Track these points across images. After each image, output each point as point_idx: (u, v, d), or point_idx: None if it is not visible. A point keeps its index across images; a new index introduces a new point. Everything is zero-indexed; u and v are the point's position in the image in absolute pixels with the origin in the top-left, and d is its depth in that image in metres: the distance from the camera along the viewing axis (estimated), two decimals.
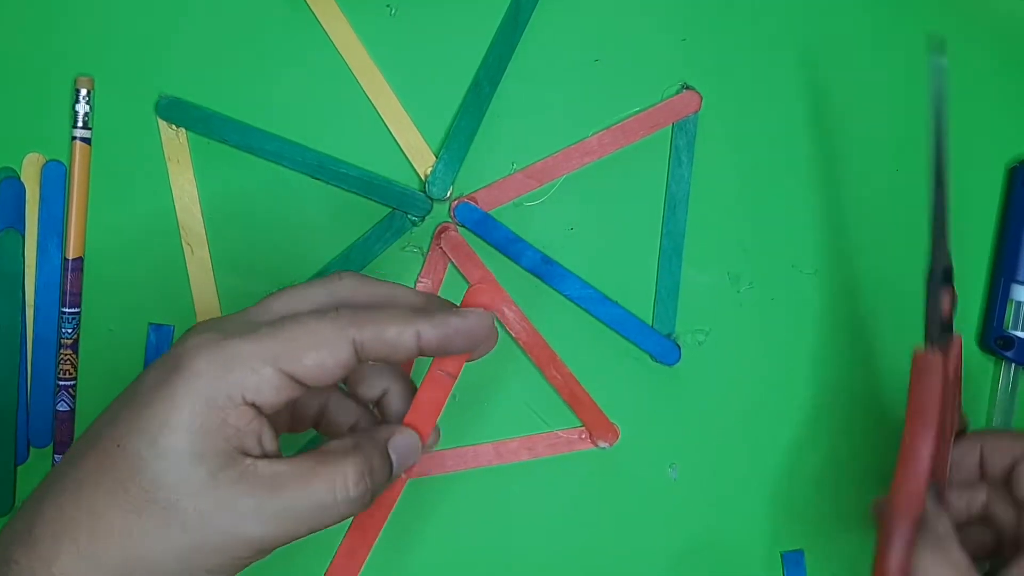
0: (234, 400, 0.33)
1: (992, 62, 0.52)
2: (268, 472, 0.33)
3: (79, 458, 0.34)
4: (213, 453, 0.32)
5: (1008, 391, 0.52)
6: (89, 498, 0.33)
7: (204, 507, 0.32)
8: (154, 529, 0.32)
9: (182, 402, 0.32)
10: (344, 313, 0.34)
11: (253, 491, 0.33)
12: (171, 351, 0.34)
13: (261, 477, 0.33)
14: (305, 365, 0.33)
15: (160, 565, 0.32)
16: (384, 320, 0.35)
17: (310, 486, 0.33)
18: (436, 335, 0.35)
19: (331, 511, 0.34)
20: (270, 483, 0.33)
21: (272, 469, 0.33)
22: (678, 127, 0.50)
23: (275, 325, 0.34)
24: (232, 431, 0.33)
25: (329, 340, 0.34)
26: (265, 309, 0.36)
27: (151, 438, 0.32)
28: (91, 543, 0.32)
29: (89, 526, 0.32)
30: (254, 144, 0.48)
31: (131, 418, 0.33)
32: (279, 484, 0.33)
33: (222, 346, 0.33)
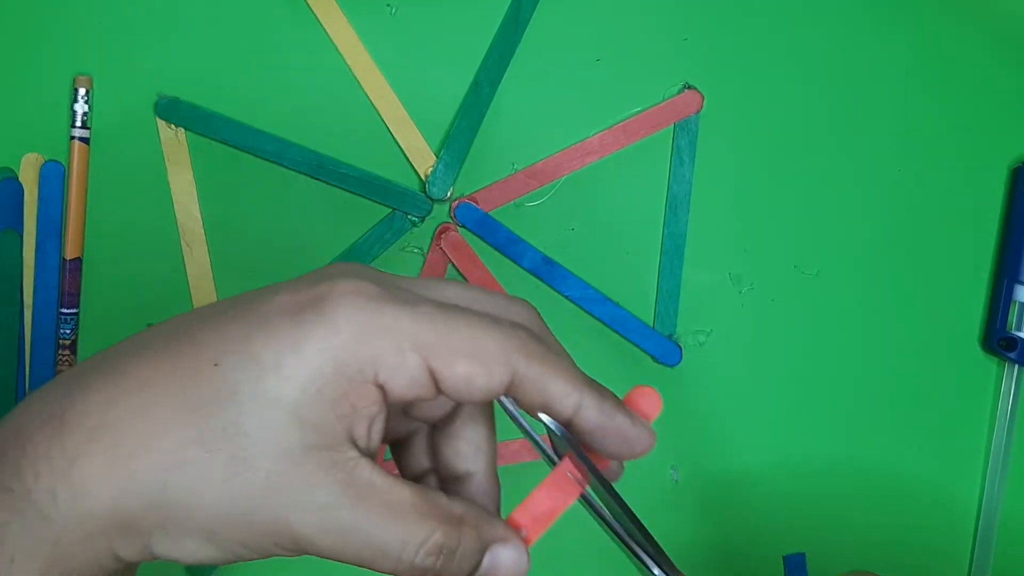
0: (365, 375, 0.27)
1: (995, 62, 0.52)
2: (364, 478, 0.27)
3: (153, 354, 0.28)
4: (317, 425, 0.27)
5: (1011, 392, 0.52)
6: (154, 407, 0.27)
7: (277, 479, 0.27)
8: (214, 473, 0.26)
9: (309, 353, 0.27)
10: (520, 335, 0.28)
11: (337, 489, 0.27)
12: (318, 283, 0.28)
13: (354, 478, 0.27)
14: (454, 372, 0.27)
15: (197, 511, 0.27)
16: (557, 368, 0.28)
17: (392, 522, 0.27)
18: (595, 419, 0.29)
19: (386, 560, 0.28)
20: (358, 491, 0.27)
21: (370, 478, 0.27)
22: (680, 127, 0.50)
23: (442, 309, 0.28)
24: (348, 408, 0.27)
25: (492, 356, 0.28)
26: (435, 287, 0.30)
27: (258, 374, 0.27)
28: (133, 457, 0.26)
29: (139, 436, 0.26)
30: (253, 144, 0.48)
31: (242, 339, 0.27)
32: (365, 497, 0.27)
33: (378, 308, 0.27)
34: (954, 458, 0.53)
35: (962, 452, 0.53)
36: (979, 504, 0.53)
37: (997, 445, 0.53)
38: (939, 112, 0.52)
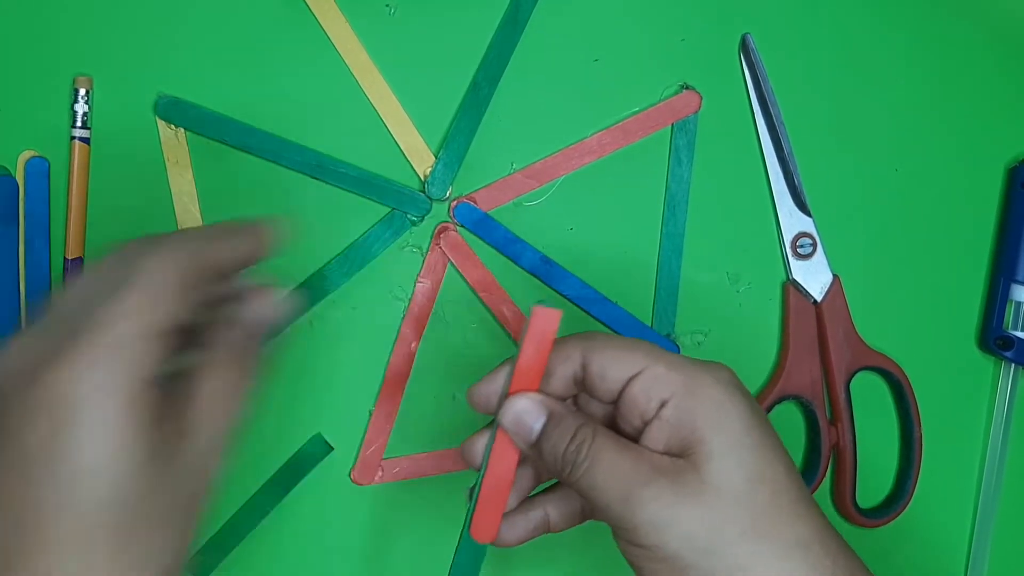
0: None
1: (992, 62, 0.52)
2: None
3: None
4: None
5: (1007, 391, 0.52)
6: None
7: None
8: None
9: None
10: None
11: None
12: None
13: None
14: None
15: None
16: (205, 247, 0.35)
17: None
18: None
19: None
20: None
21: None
22: (678, 127, 0.50)
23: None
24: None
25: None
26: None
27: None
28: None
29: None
30: (253, 144, 0.48)
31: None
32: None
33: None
34: (951, 457, 0.53)
35: (959, 451, 0.53)
36: (975, 503, 0.54)
37: (993, 444, 0.53)
38: (936, 112, 0.52)
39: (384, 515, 0.51)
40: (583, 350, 0.37)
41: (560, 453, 0.35)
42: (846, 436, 0.51)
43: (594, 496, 0.35)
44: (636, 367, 0.36)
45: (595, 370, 0.37)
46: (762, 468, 0.35)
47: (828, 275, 0.51)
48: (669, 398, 0.35)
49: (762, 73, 0.50)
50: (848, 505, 0.52)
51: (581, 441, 0.35)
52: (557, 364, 0.37)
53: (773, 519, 0.34)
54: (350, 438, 0.50)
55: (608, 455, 0.35)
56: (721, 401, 0.35)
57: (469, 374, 0.50)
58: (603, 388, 0.37)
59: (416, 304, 0.50)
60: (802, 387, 0.51)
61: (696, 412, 0.35)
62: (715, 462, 0.34)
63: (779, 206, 0.51)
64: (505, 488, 0.37)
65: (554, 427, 0.36)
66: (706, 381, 0.36)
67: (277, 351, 0.38)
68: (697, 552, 0.34)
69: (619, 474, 0.35)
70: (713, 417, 0.35)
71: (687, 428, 0.35)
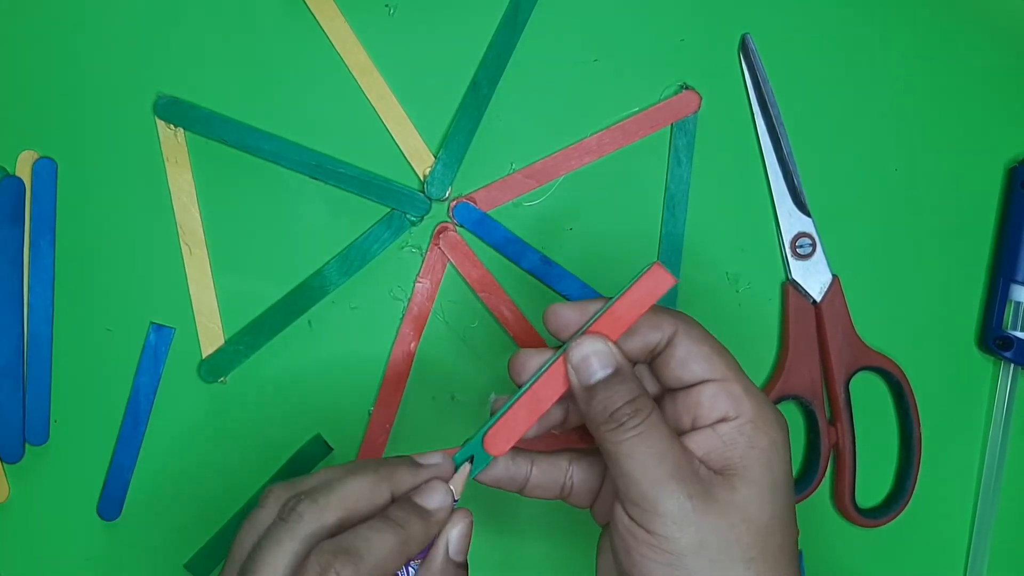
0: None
1: (992, 62, 0.52)
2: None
3: None
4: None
5: (1007, 391, 0.52)
6: None
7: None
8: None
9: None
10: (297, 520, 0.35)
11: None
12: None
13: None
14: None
15: None
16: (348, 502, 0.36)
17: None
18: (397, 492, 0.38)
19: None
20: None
21: None
22: (677, 127, 0.50)
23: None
24: None
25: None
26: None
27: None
28: None
29: None
30: (252, 144, 0.48)
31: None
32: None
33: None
34: (950, 457, 0.53)
35: (958, 451, 0.53)
36: (975, 503, 0.54)
37: (993, 444, 0.53)
38: (936, 112, 0.52)
39: None
40: (678, 330, 0.38)
41: (613, 408, 0.36)
42: (846, 436, 0.51)
43: (627, 465, 0.36)
44: (717, 374, 0.37)
45: (679, 354, 0.38)
46: (784, 514, 0.37)
47: (827, 275, 0.51)
48: (734, 418, 0.37)
49: (762, 73, 0.50)
50: (848, 505, 0.52)
51: (639, 408, 0.36)
52: (646, 328, 0.38)
53: (778, 559, 0.36)
54: (350, 438, 0.50)
55: (660, 436, 0.36)
56: (776, 442, 0.37)
57: (469, 374, 0.50)
58: (675, 375, 0.38)
59: (415, 304, 0.50)
60: (802, 387, 0.51)
61: (753, 443, 0.36)
62: (752, 493, 0.36)
63: (779, 206, 0.51)
64: (536, 414, 0.38)
65: (619, 382, 0.36)
66: (771, 420, 0.37)
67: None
68: (701, 559, 0.35)
69: (663, 459, 0.35)
70: (766, 455, 0.36)
71: (737, 452, 0.36)
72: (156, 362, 0.49)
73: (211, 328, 0.49)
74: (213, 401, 0.50)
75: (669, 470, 0.35)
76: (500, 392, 0.40)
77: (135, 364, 0.49)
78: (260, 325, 0.49)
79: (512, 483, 0.40)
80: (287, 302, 0.49)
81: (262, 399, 0.50)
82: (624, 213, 0.51)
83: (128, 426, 0.49)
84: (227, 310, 0.49)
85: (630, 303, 0.37)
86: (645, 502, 0.35)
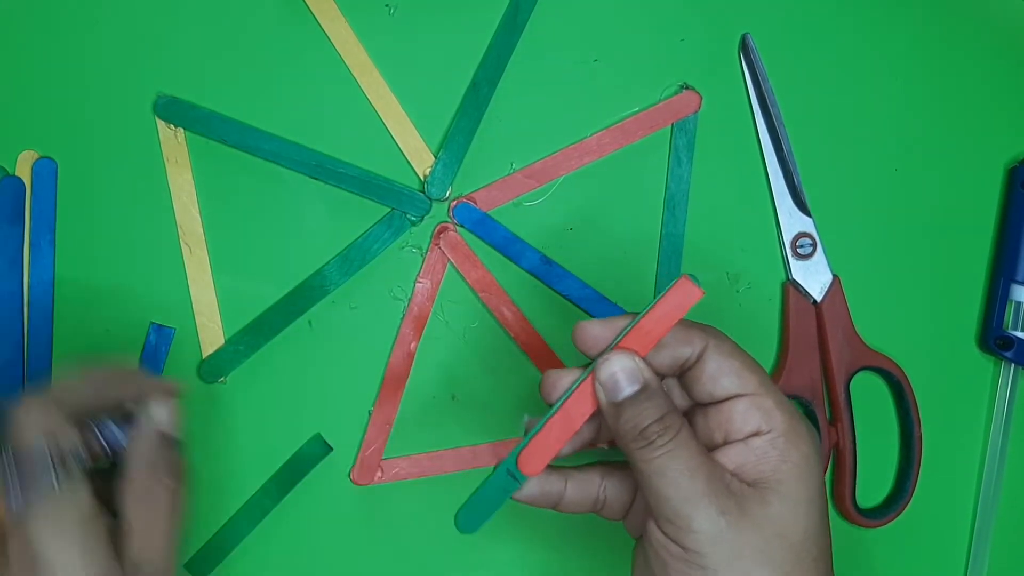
0: None
1: (992, 62, 0.52)
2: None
3: None
4: None
5: (1007, 391, 0.52)
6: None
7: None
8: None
9: None
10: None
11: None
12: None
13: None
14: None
15: None
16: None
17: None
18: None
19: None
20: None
21: None
22: (678, 127, 0.50)
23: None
24: None
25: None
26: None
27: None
28: None
29: None
30: (252, 144, 0.48)
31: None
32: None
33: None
34: (951, 457, 0.53)
35: (959, 451, 0.53)
36: (975, 503, 0.54)
37: (993, 444, 0.53)
38: (936, 112, 0.52)
39: (384, 515, 0.51)
40: (708, 344, 0.38)
41: (642, 425, 0.36)
42: (846, 436, 0.51)
43: (658, 483, 0.36)
44: (748, 388, 0.37)
45: (710, 369, 0.38)
46: (818, 530, 0.37)
47: (828, 275, 0.51)
48: (766, 432, 0.37)
49: (762, 73, 0.50)
50: (848, 505, 0.52)
51: (668, 425, 0.36)
52: (676, 342, 0.38)
53: (812, 573, 0.36)
54: (350, 438, 0.50)
55: (690, 452, 0.36)
56: (808, 456, 0.37)
57: (469, 374, 0.50)
58: (705, 389, 0.38)
59: (416, 304, 0.50)
60: (802, 387, 0.51)
61: (786, 457, 0.36)
62: (786, 507, 0.36)
63: (779, 206, 0.51)
64: (568, 433, 0.37)
65: (646, 398, 0.36)
66: (804, 434, 0.37)
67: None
68: (732, 573, 0.35)
69: (695, 475, 0.35)
70: (798, 468, 0.36)
71: (770, 466, 0.36)
72: (156, 362, 0.49)
73: (211, 328, 0.49)
74: (213, 401, 0.50)
75: (701, 487, 0.35)
76: (533, 414, 0.40)
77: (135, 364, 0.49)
78: (260, 325, 0.49)
79: (547, 500, 0.40)
80: (287, 302, 0.49)
81: (262, 399, 0.50)
82: (624, 213, 0.51)
83: None
84: (227, 310, 0.49)
85: (658, 317, 0.37)
86: (678, 519, 0.35)
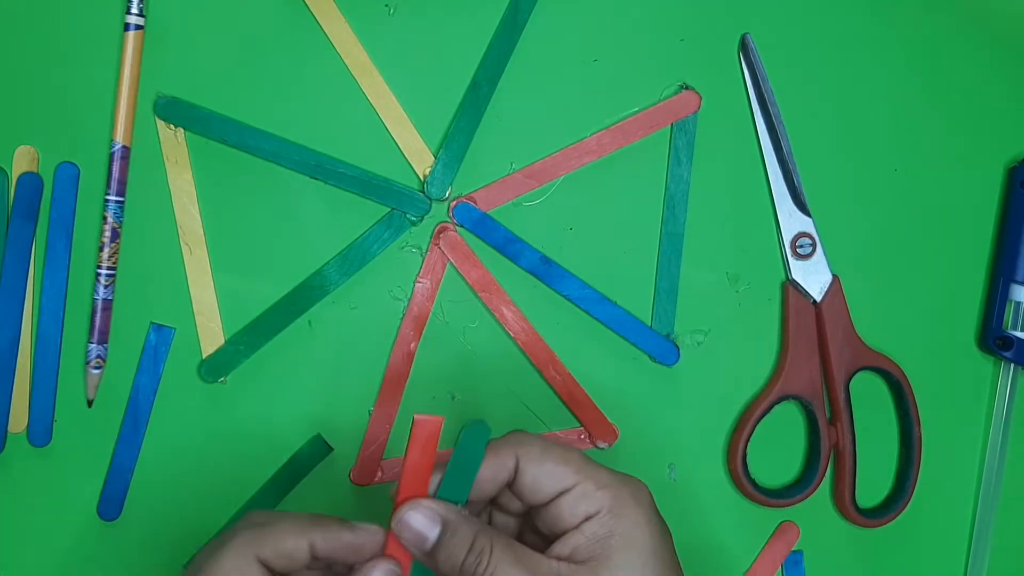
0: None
1: (992, 62, 0.52)
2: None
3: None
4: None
5: (1007, 391, 0.52)
6: None
7: None
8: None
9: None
10: (243, 535, 0.37)
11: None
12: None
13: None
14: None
15: None
16: (279, 535, 0.37)
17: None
18: (327, 548, 0.38)
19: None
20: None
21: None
22: (677, 127, 0.50)
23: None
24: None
25: (239, 566, 0.36)
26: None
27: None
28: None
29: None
30: (252, 144, 0.48)
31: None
32: None
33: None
34: (950, 457, 0.53)
35: (958, 451, 0.53)
36: (975, 502, 0.54)
37: (993, 444, 0.53)
38: (936, 112, 0.52)
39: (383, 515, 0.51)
40: (518, 457, 0.39)
41: (459, 563, 0.37)
42: (846, 436, 0.51)
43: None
44: (568, 482, 0.38)
45: (527, 481, 0.39)
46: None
47: (828, 275, 0.51)
48: (594, 514, 0.38)
49: (761, 73, 0.50)
50: (848, 505, 0.52)
51: (480, 551, 0.37)
52: (491, 469, 0.39)
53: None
54: (350, 438, 0.50)
55: (511, 562, 0.37)
56: (639, 523, 0.38)
57: (469, 374, 0.50)
58: (532, 497, 0.39)
59: (415, 304, 0.50)
60: (802, 387, 0.51)
61: (615, 529, 0.38)
62: (617, 574, 0.37)
63: (778, 206, 0.51)
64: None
65: (450, 536, 0.37)
66: (629, 503, 0.38)
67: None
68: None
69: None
70: (628, 536, 0.38)
71: (602, 542, 0.37)
72: (156, 362, 0.49)
73: (211, 328, 0.49)
74: (213, 401, 0.50)
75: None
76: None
77: (135, 364, 0.49)
78: (260, 325, 0.49)
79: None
80: (287, 302, 0.49)
81: (262, 399, 0.50)
82: (624, 213, 0.51)
83: (128, 426, 0.49)
84: (227, 310, 0.49)
85: (417, 458, 0.38)
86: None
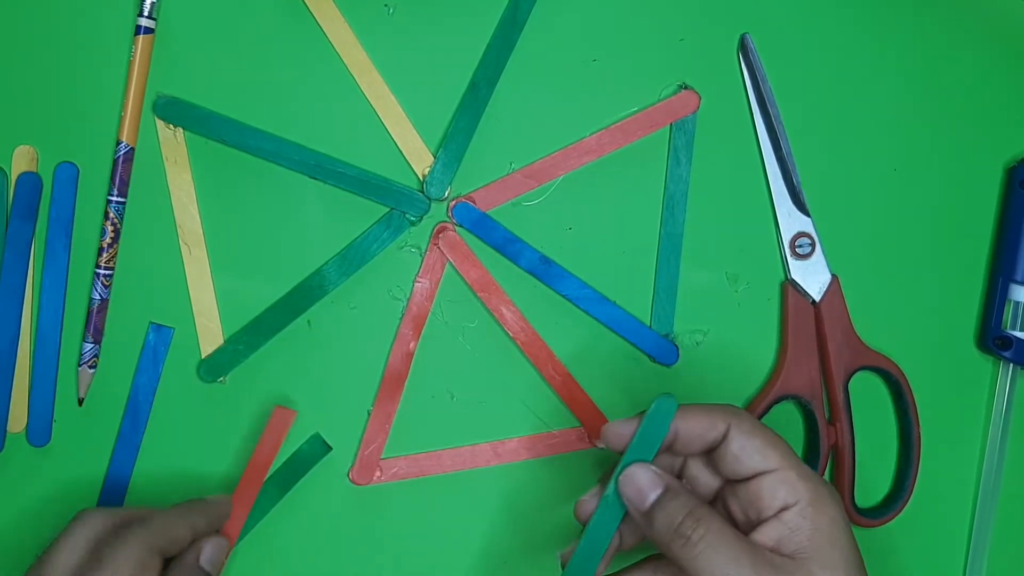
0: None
1: (991, 62, 0.52)
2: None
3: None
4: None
5: (1006, 391, 0.52)
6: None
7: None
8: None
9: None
10: (135, 531, 0.42)
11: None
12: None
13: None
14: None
15: None
16: (168, 525, 0.44)
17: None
18: (206, 524, 0.46)
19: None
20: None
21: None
22: (676, 127, 0.50)
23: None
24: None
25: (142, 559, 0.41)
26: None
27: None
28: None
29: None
30: (252, 144, 0.48)
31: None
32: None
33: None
34: (949, 457, 0.53)
35: (957, 451, 0.53)
36: (974, 502, 0.54)
37: (992, 444, 0.53)
38: (935, 112, 0.52)
39: (383, 515, 0.51)
40: (731, 424, 0.40)
41: (675, 525, 0.38)
42: (845, 436, 0.51)
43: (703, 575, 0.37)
44: (772, 464, 0.40)
45: (733, 449, 0.40)
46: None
47: (827, 275, 0.51)
48: (793, 504, 0.39)
49: (761, 73, 0.50)
50: (847, 505, 0.52)
51: (699, 519, 0.38)
52: (702, 426, 0.41)
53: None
54: (349, 438, 0.50)
55: (728, 540, 0.38)
56: (837, 520, 0.39)
57: (468, 374, 0.50)
58: (731, 468, 0.40)
59: (415, 304, 0.50)
60: (801, 387, 0.51)
61: (817, 524, 0.39)
62: (828, 573, 0.38)
63: (778, 206, 0.51)
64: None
65: (671, 499, 0.39)
66: (828, 500, 0.39)
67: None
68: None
69: (740, 561, 0.37)
70: (830, 533, 0.39)
71: (804, 535, 0.38)
72: (155, 362, 0.49)
73: (211, 328, 0.49)
74: (213, 401, 0.50)
75: (747, 572, 0.37)
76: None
77: (134, 364, 0.49)
78: (260, 325, 0.49)
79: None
80: (286, 302, 0.49)
81: (262, 399, 0.50)
82: (624, 213, 0.51)
83: (127, 426, 0.49)
84: (227, 310, 0.49)
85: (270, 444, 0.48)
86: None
